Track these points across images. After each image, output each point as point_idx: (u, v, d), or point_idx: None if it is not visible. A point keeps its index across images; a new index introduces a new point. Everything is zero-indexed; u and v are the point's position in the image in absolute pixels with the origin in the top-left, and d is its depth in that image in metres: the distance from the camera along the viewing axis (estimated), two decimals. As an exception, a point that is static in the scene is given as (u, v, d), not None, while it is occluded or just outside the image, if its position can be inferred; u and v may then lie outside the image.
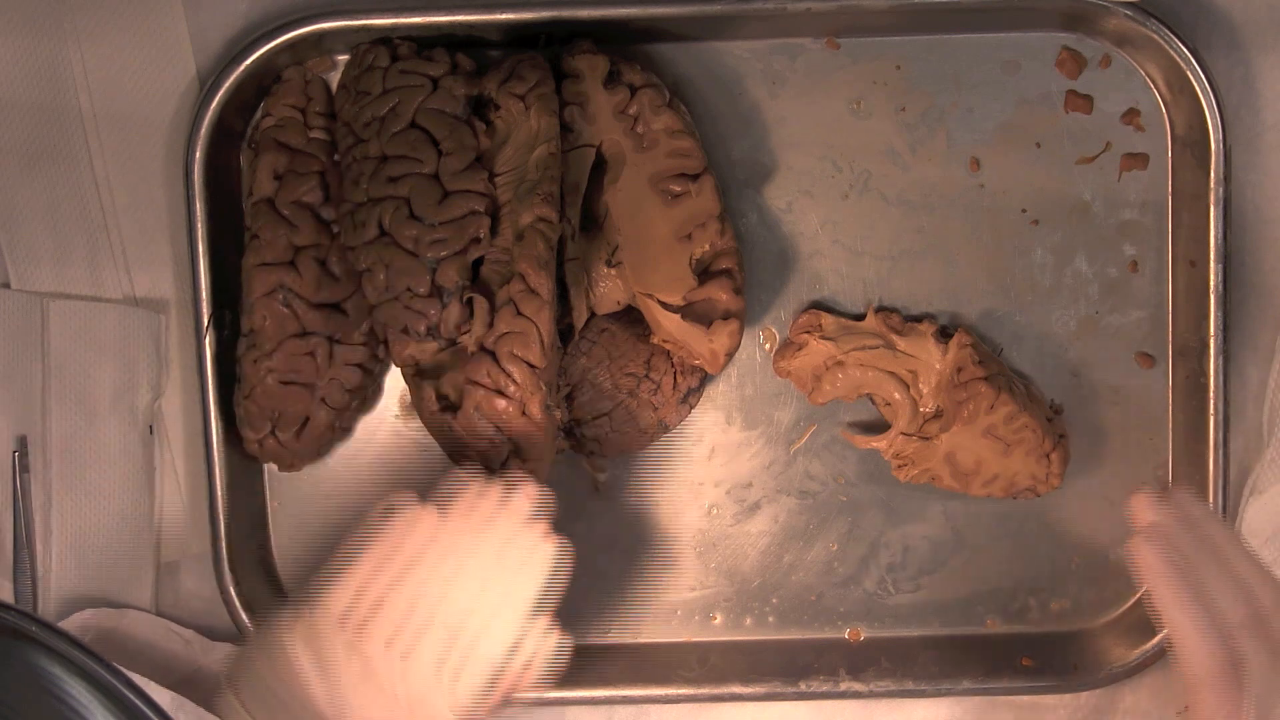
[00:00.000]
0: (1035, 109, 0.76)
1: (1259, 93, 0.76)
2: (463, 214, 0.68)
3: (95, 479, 0.75)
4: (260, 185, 0.72)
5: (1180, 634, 0.62)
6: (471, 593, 0.65)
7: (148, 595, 0.76)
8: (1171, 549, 0.64)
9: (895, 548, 0.78)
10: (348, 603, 0.64)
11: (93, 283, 0.76)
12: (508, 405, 0.66)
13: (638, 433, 0.74)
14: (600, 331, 0.74)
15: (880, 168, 0.76)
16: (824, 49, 0.76)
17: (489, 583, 0.65)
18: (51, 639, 0.49)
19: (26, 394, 0.74)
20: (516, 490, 0.66)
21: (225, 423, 0.74)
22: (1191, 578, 0.63)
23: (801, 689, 0.76)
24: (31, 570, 0.74)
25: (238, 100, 0.74)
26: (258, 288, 0.71)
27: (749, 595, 0.78)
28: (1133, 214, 0.76)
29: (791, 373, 0.76)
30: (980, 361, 0.73)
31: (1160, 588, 0.63)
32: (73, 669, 0.48)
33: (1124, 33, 0.74)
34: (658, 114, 0.71)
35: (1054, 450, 0.74)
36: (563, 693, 0.77)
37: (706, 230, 0.71)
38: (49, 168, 0.75)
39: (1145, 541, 0.64)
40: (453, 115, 0.70)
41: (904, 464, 0.76)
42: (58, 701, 0.48)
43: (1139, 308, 0.77)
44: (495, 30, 0.73)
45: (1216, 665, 0.62)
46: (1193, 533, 0.65)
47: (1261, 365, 0.76)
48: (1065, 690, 0.77)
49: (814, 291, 0.77)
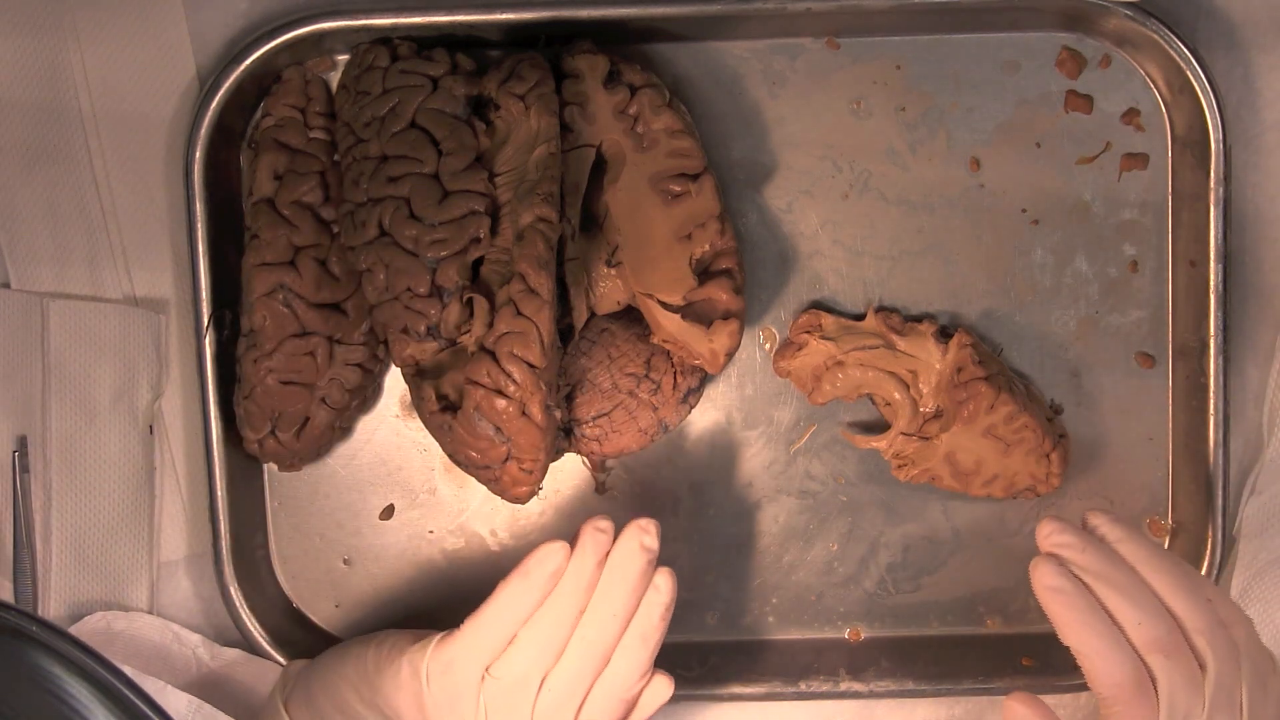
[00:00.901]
0: (1035, 109, 0.76)
1: (1259, 93, 0.76)
2: (463, 214, 0.68)
3: (95, 479, 0.75)
4: (260, 185, 0.72)
5: (1088, 653, 0.63)
6: (608, 630, 0.66)
7: (147, 595, 0.76)
8: (1070, 571, 0.64)
9: (895, 548, 0.78)
10: (485, 637, 0.66)
11: (93, 283, 0.76)
12: (508, 405, 0.66)
13: (638, 433, 0.74)
14: (600, 331, 0.74)
15: (880, 168, 0.76)
16: (824, 49, 0.76)
17: (620, 618, 0.66)
18: (52, 639, 0.49)
19: (26, 394, 0.74)
20: (633, 526, 0.67)
21: (225, 423, 0.74)
22: (1094, 599, 0.63)
23: (801, 689, 0.76)
24: (31, 570, 0.74)
25: (238, 100, 0.74)
26: (258, 288, 0.71)
27: (748, 595, 0.78)
28: (1133, 214, 0.76)
29: (791, 373, 0.76)
30: (980, 361, 0.73)
31: (1061, 609, 0.64)
32: (73, 669, 0.48)
33: (1124, 33, 0.74)
34: (658, 114, 0.71)
35: (1054, 450, 0.74)
36: (563, 693, 0.77)
37: (706, 230, 0.71)
38: (49, 168, 0.75)
39: (1044, 562, 0.64)
40: (453, 115, 0.70)
41: (904, 464, 0.76)
42: (58, 701, 0.48)
43: (1139, 308, 0.77)
44: (495, 30, 0.73)
45: (1129, 684, 0.62)
46: (1098, 555, 0.65)
47: (1261, 365, 0.76)
48: (1065, 690, 0.77)
49: (814, 291, 0.77)
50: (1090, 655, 0.63)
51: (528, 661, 0.66)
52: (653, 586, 0.67)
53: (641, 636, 0.66)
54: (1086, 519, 0.67)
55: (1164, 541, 0.78)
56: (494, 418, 0.67)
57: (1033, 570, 0.65)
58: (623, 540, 0.67)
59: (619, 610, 0.66)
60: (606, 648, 0.66)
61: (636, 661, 0.66)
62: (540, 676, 0.66)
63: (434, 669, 0.66)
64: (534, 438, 0.67)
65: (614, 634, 0.66)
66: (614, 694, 0.66)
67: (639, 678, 0.67)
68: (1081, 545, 0.65)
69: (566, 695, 0.66)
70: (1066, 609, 0.63)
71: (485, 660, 0.66)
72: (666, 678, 0.68)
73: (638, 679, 0.67)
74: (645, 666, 0.67)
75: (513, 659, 0.66)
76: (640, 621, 0.67)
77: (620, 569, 0.66)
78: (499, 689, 0.66)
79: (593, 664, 0.66)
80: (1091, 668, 0.63)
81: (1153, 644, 0.62)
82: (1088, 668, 0.63)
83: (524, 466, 0.68)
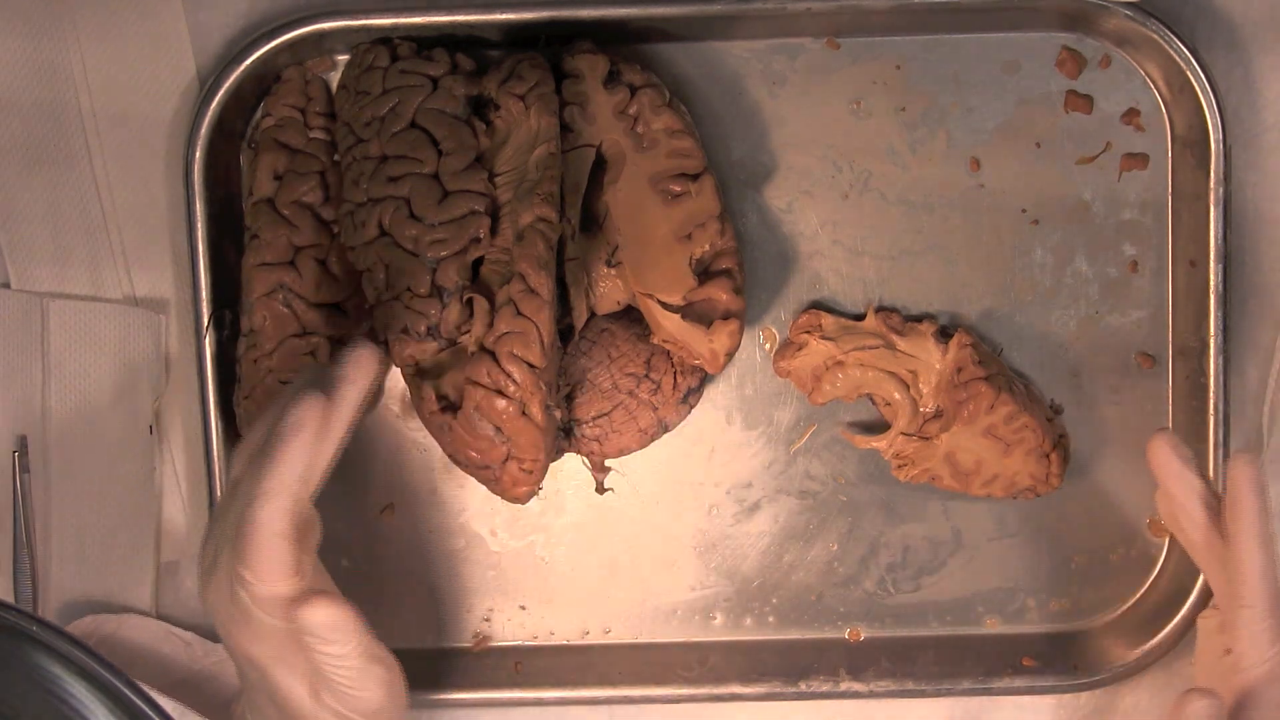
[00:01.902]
0: (1035, 109, 0.76)
1: (1259, 93, 0.76)
2: (463, 214, 0.68)
3: (95, 479, 0.75)
4: (260, 185, 0.72)
5: (1254, 556, 0.64)
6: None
7: (148, 595, 0.76)
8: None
9: (895, 548, 0.78)
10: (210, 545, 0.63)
11: (93, 283, 0.76)
12: (508, 405, 0.66)
13: (638, 433, 0.74)
14: (600, 331, 0.74)
15: (880, 168, 0.76)
16: (824, 49, 0.76)
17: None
18: (52, 638, 0.49)
19: (26, 394, 0.74)
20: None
21: (225, 423, 0.74)
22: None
23: (801, 689, 0.76)
24: (32, 570, 0.74)
25: (238, 100, 0.74)
26: (258, 288, 0.71)
27: (749, 595, 0.78)
28: (1133, 214, 0.76)
29: (791, 373, 0.76)
30: (980, 361, 0.73)
31: (1252, 505, 0.65)
32: (73, 668, 0.48)
33: (1124, 33, 0.74)
34: (658, 114, 0.71)
35: (1054, 450, 0.74)
36: (563, 692, 0.77)
37: (706, 230, 0.71)
38: (49, 168, 0.75)
39: (1249, 463, 0.65)
40: (453, 115, 0.70)
41: (904, 464, 0.76)
42: (58, 701, 0.48)
43: (1139, 308, 0.77)
44: (495, 30, 0.73)
45: (1278, 596, 0.64)
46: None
47: (1261, 365, 0.76)
48: (1065, 690, 0.77)
49: (814, 291, 0.77)
50: (1262, 563, 0.64)
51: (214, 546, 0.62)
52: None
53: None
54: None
55: (1164, 543, 0.78)
56: (494, 418, 0.67)
57: (1239, 461, 0.65)
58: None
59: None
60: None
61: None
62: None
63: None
64: (534, 438, 0.67)
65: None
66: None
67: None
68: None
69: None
70: (1257, 513, 0.65)
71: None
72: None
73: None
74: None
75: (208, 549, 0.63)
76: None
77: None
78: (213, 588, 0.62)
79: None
80: (1251, 573, 0.64)
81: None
82: (1249, 572, 0.64)
83: (524, 466, 0.68)
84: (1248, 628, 0.64)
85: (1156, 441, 0.68)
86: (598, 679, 0.77)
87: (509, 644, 0.79)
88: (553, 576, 0.78)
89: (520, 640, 0.79)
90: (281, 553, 0.59)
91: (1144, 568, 0.78)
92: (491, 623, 0.79)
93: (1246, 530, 0.65)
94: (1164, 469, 0.68)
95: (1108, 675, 0.77)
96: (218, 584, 0.62)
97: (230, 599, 0.61)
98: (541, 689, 0.77)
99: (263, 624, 0.61)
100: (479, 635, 0.79)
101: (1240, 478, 0.65)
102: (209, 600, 0.63)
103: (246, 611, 0.60)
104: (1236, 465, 0.65)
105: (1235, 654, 0.65)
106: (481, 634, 0.79)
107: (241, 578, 0.59)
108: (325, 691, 0.62)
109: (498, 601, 0.78)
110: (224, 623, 0.63)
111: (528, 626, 0.79)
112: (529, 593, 0.78)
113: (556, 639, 0.79)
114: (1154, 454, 0.68)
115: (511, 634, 0.79)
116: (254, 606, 0.60)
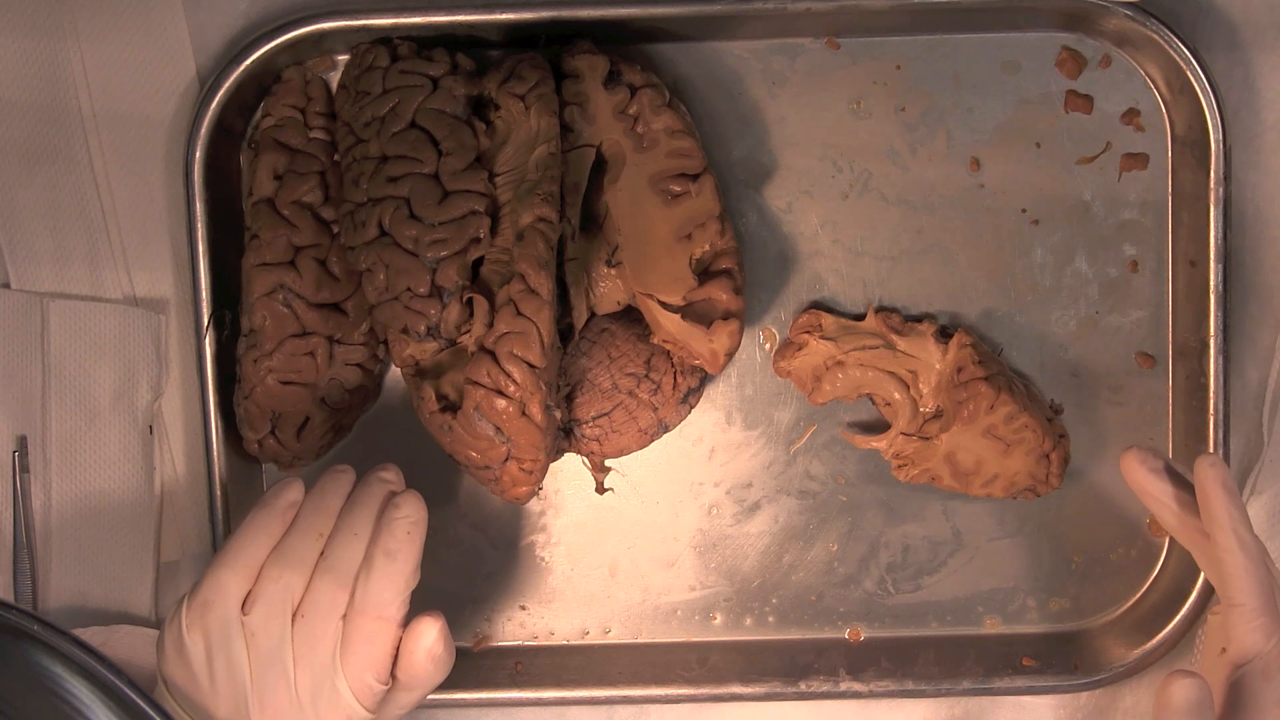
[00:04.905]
0: (1035, 109, 0.76)
1: (1259, 93, 0.76)
2: (463, 214, 0.68)
3: (95, 479, 0.75)
4: (260, 185, 0.72)
5: (1234, 555, 0.65)
6: (350, 548, 0.65)
7: (148, 595, 0.76)
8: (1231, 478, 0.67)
9: (895, 548, 0.78)
10: (233, 571, 0.64)
11: (93, 283, 0.76)
12: (508, 405, 0.66)
13: (638, 433, 0.74)
14: (600, 331, 0.74)
15: (880, 168, 0.76)
16: (824, 49, 0.76)
17: (361, 536, 0.65)
18: (52, 638, 0.49)
19: (26, 394, 0.74)
20: (374, 469, 0.67)
21: (225, 423, 0.74)
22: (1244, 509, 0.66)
23: (801, 689, 0.76)
24: (32, 570, 0.74)
25: (238, 100, 0.74)
26: (258, 288, 0.71)
27: (749, 595, 0.78)
28: (1133, 214, 0.76)
29: (791, 373, 0.76)
30: (980, 361, 0.73)
31: (1222, 505, 0.65)
32: (74, 668, 0.48)
33: (1124, 33, 0.74)
34: (658, 114, 0.71)
35: (1054, 450, 0.74)
36: (563, 692, 0.77)
37: (706, 230, 0.71)
38: (49, 168, 0.75)
39: (1213, 464, 0.66)
40: (453, 115, 0.70)
41: (904, 464, 0.76)
42: (59, 700, 0.48)
43: (1139, 308, 0.77)
44: (495, 30, 0.73)
45: (1266, 593, 0.65)
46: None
47: (1261, 365, 0.76)
48: (1065, 690, 0.77)
49: (814, 291, 0.77)
50: (1244, 558, 0.65)
51: (277, 588, 0.64)
52: (392, 504, 0.66)
53: (386, 553, 0.64)
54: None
55: (1164, 542, 0.78)
56: (494, 418, 0.67)
57: (1204, 464, 0.66)
58: (363, 478, 0.67)
59: (358, 529, 0.65)
60: (350, 565, 0.64)
61: (386, 579, 0.64)
62: (292, 603, 0.64)
63: (191, 618, 0.64)
64: (534, 438, 0.67)
65: (356, 552, 0.64)
66: (369, 612, 0.64)
67: (392, 597, 0.64)
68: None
69: (320, 618, 0.63)
70: (1232, 508, 0.65)
71: (240, 594, 0.64)
72: (433, 615, 0.66)
73: (391, 598, 0.64)
74: (398, 586, 0.64)
75: (262, 588, 0.64)
76: (383, 538, 0.65)
77: (358, 494, 0.66)
78: (257, 620, 0.63)
79: (338, 582, 0.64)
80: (1236, 568, 0.65)
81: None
82: (1234, 567, 0.65)
83: (524, 466, 0.68)
84: (1239, 625, 0.65)
85: (1126, 459, 0.69)
86: (598, 679, 0.77)
87: (509, 644, 0.79)
88: (552, 576, 0.78)
89: (520, 640, 0.79)
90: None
91: (1144, 568, 0.78)
92: (491, 623, 0.79)
93: (1222, 530, 0.65)
94: (1139, 486, 0.69)
95: (1108, 675, 0.77)
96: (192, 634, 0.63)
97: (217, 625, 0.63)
98: (541, 689, 0.77)
99: (255, 635, 0.62)
100: (479, 635, 0.79)
101: (1206, 480, 0.66)
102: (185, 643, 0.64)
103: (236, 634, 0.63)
104: (1201, 468, 0.66)
105: (1229, 651, 0.65)
106: (482, 634, 0.79)
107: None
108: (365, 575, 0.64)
109: (498, 602, 0.78)
110: (195, 673, 0.63)
111: (528, 626, 0.79)
112: (529, 593, 0.78)
113: (556, 639, 0.79)
114: (1126, 472, 0.69)
115: (511, 634, 0.79)
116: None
